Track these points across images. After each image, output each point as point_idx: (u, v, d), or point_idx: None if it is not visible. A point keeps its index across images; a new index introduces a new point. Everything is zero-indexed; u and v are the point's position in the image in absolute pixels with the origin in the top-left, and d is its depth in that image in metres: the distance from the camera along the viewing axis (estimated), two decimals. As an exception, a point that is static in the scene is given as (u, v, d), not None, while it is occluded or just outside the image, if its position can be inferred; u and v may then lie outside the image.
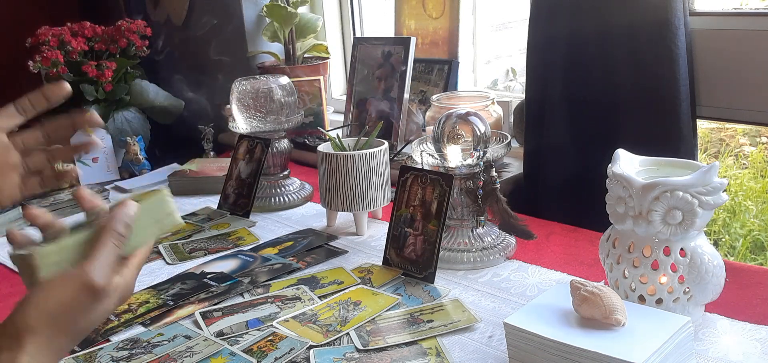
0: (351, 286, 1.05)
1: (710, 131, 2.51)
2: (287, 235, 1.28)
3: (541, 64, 1.31)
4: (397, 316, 0.95)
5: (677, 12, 1.13)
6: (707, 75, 1.22)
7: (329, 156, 1.22)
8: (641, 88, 1.18)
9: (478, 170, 1.09)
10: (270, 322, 0.96)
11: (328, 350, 0.88)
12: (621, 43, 1.19)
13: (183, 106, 2.01)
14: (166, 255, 1.22)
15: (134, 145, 1.75)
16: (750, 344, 0.83)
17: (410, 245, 1.08)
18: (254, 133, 1.43)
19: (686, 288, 0.85)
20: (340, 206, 1.24)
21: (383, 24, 2.00)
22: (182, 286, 1.09)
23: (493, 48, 1.90)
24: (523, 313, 0.83)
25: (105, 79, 1.79)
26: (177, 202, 1.49)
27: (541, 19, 1.29)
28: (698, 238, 0.86)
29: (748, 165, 2.43)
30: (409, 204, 1.09)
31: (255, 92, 1.42)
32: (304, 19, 1.91)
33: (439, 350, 0.87)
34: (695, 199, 0.81)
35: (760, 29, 1.15)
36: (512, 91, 1.85)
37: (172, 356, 0.89)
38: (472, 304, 0.98)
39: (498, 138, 1.17)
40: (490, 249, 1.11)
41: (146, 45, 1.90)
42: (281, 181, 1.47)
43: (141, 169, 1.76)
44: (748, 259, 2.10)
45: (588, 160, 1.22)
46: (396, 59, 1.60)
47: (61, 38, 1.79)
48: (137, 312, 1.02)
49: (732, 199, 2.24)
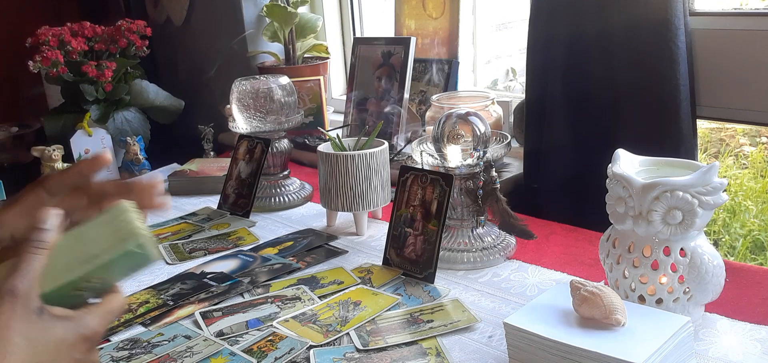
0: (351, 286, 1.05)
1: (710, 131, 2.51)
2: (287, 235, 1.29)
3: (541, 64, 1.31)
4: (397, 316, 0.95)
5: (677, 12, 1.13)
6: (707, 75, 1.22)
7: (329, 156, 1.22)
8: (641, 88, 1.18)
9: (478, 170, 1.09)
10: (270, 322, 0.96)
11: (328, 350, 0.88)
12: (621, 43, 1.19)
13: (183, 106, 2.01)
14: (166, 255, 1.22)
15: (134, 145, 1.75)
16: (750, 344, 0.83)
17: (410, 245, 1.08)
18: (254, 133, 1.43)
19: (686, 288, 0.85)
20: (340, 206, 1.24)
21: (383, 24, 2.00)
22: (182, 286, 1.09)
23: (493, 48, 1.90)
24: (523, 313, 0.83)
25: (105, 79, 1.79)
26: (177, 202, 1.52)
27: (541, 19, 1.29)
28: (698, 238, 0.86)
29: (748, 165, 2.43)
30: (409, 204, 1.09)
31: (255, 92, 1.42)
32: (304, 19, 1.91)
33: (439, 350, 0.87)
34: (695, 199, 0.81)
35: (760, 29, 1.15)
36: (512, 91, 1.85)
37: (172, 356, 0.89)
38: (472, 304, 0.98)
39: (498, 138, 1.17)
40: (490, 249, 1.11)
41: (146, 45, 1.90)
42: (281, 181, 1.47)
43: (141, 169, 1.76)
44: (748, 259, 2.10)
45: (588, 160, 1.22)
46: (396, 59, 1.60)
47: (61, 38, 1.79)
48: (137, 312, 1.02)
49: (732, 199, 2.24)
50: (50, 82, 1.90)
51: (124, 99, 1.87)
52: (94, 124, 1.78)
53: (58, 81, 1.83)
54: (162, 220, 1.41)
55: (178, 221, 1.40)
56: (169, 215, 1.45)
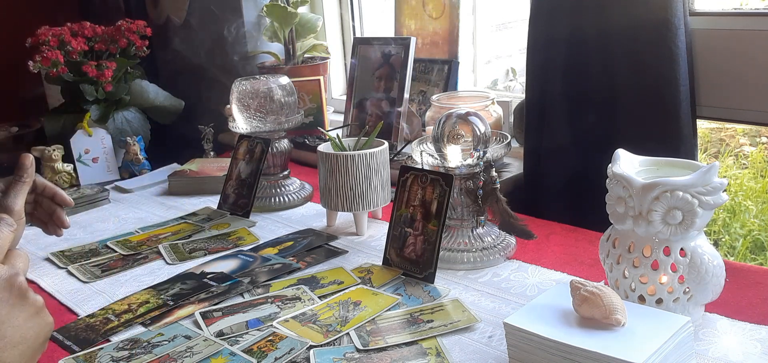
0: (351, 286, 1.05)
1: (710, 131, 2.51)
2: (287, 235, 1.29)
3: (541, 64, 1.31)
4: (397, 316, 0.95)
5: (677, 12, 1.13)
6: (707, 75, 1.22)
7: (329, 156, 1.22)
8: (641, 88, 1.18)
9: (478, 170, 1.09)
10: (270, 322, 0.96)
11: (328, 350, 0.88)
12: (621, 43, 1.19)
13: (183, 106, 2.01)
14: (166, 255, 1.22)
15: (134, 145, 1.75)
16: (750, 344, 0.83)
17: (410, 245, 1.08)
18: (254, 133, 1.43)
19: (686, 288, 0.85)
20: (340, 206, 1.24)
21: (383, 24, 2.00)
22: (182, 286, 1.09)
23: (493, 48, 1.90)
24: (523, 313, 0.82)
25: (105, 79, 1.79)
26: (177, 201, 1.52)
27: (541, 19, 1.29)
28: (698, 238, 0.86)
29: (748, 165, 2.43)
30: (409, 204, 1.09)
31: (255, 92, 1.42)
32: (304, 19, 1.91)
33: (439, 350, 0.87)
34: (695, 199, 0.81)
35: (760, 29, 1.15)
36: (512, 91, 1.85)
37: (172, 356, 0.89)
38: (472, 304, 0.98)
39: (498, 138, 1.17)
40: (490, 249, 1.11)
41: (146, 45, 1.90)
42: (281, 181, 1.47)
43: (141, 169, 1.76)
44: (748, 259, 2.10)
45: (588, 160, 1.22)
46: (396, 59, 1.60)
47: (61, 38, 1.79)
48: (137, 312, 1.02)
49: (732, 199, 2.24)
50: (50, 82, 1.90)
51: (124, 99, 1.88)
52: (94, 124, 1.79)
53: (58, 81, 1.83)
54: (162, 220, 1.41)
55: (178, 221, 1.40)
56: (169, 215, 1.45)
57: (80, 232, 1.38)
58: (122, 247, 1.28)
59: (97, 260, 1.23)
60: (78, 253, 1.27)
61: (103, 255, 1.25)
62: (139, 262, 1.21)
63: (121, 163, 1.78)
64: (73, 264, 1.22)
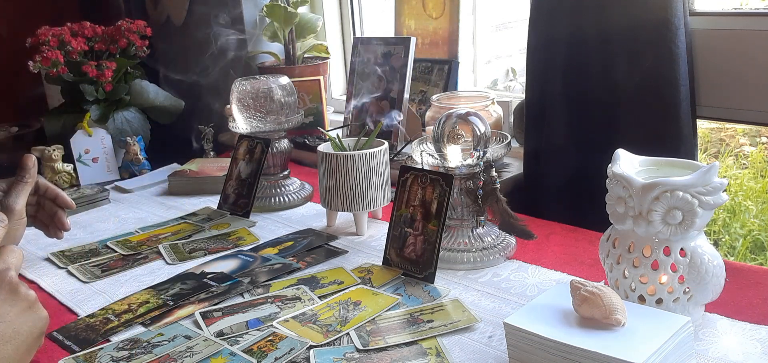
0: (351, 286, 1.05)
1: (710, 131, 2.51)
2: (287, 235, 1.29)
3: (541, 64, 1.31)
4: (397, 316, 0.95)
5: (677, 12, 1.13)
6: (707, 75, 1.22)
7: (329, 156, 1.22)
8: (641, 88, 1.18)
9: (478, 170, 1.09)
10: (270, 322, 0.96)
11: (328, 350, 0.88)
12: (621, 43, 1.19)
13: (183, 106, 2.01)
14: (166, 255, 1.22)
15: (134, 145, 1.75)
16: (750, 344, 0.83)
17: (410, 245, 1.08)
18: (254, 133, 1.43)
19: (686, 288, 0.85)
20: (340, 206, 1.24)
21: (383, 24, 2.00)
22: (182, 286, 1.09)
23: (493, 48, 1.90)
24: (523, 313, 0.82)
25: (105, 79, 1.79)
26: (177, 201, 1.52)
27: (541, 19, 1.29)
28: (698, 238, 0.86)
29: (748, 165, 2.43)
30: (409, 204, 1.09)
31: (255, 92, 1.42)
32: (304, 19, 1.91)
33: (439, 350, 0.87)
34: (695, 199, 0.81)
35: (760, 29, 1.15)
36: (512, 91, 1.85)
37: (172, 356, 0.89)
38: (472, 304, 0.98)
39: (498, 138, 1.17)
40: (490, 249, 1.11)
41: (146, 45, 1.90)
42: (281, 181, 1.47)
43: (141, 169, 1.76)
44: (748, 259, 2.10)
45: (588, 160, 1.22)
46: (396, 59, 1.60)
47: (61, 38, 1.79)
48: (137, 312, 1.02)
49: (732, 199, 2.24)
50: (50, 82, 1.90)
51: (124, 99, 1.87)
52: (94, 124, 1.78)
53: (58, 81, 1.83)
54: (162, 221, 1.41)
55: (178, 221, 1.40)
56: (169, 215, 1.45)
57: (80, 232, 1.38)
58: (122, 247, 1.28)
59: (97, 260, 1.23)
60: (78, 253, 1.27)
61: (103, 255, 1.25)
62: (139, 262, 1.21)
63: (121, 163, 1.78)
64: (73, 264, 1.22)
